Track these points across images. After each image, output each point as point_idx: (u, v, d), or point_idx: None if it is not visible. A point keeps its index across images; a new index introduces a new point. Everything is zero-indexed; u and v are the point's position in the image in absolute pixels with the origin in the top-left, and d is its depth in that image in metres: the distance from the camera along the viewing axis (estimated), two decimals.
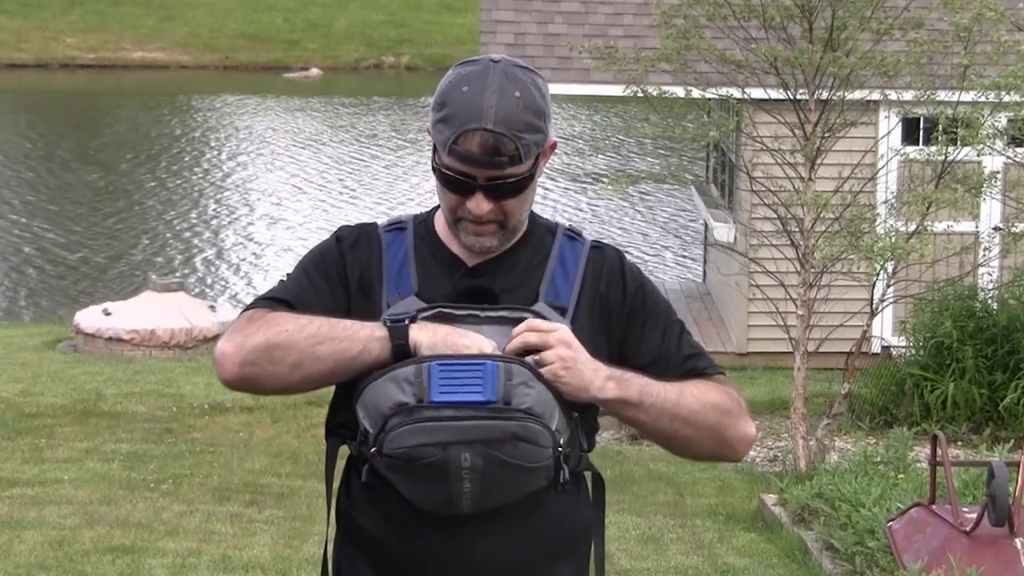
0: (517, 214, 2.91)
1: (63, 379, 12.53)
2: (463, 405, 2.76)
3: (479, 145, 2.80)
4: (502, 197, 2.86)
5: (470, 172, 2.83)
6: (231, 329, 2.89)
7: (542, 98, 2.88)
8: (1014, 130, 11.20)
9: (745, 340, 13.80)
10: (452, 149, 2.82)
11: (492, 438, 2.76)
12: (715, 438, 2.94)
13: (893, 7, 10.24)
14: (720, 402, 2.94)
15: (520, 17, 14.02)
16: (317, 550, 7.45)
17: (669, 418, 2.89)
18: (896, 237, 9.85)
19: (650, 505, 9.30)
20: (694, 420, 2.90)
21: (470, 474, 2.77)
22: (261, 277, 20.35)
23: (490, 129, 2.80)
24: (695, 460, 3.02)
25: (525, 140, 2.83)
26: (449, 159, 2.84)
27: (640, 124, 27.93)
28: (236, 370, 2.84)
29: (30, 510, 8.56)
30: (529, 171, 2.87)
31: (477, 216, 2.87)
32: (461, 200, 2.87)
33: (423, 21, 48.10)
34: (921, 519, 6.96)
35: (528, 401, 2.78)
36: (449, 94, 2.85)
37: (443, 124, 2.84)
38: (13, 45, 44.95)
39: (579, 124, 33.72)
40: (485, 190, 2.85)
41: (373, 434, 2.80)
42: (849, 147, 11.34)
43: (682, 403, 2.89)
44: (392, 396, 2.78)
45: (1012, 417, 10.94)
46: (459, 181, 2.85)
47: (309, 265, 3.02)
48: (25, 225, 23.46)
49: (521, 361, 2.79)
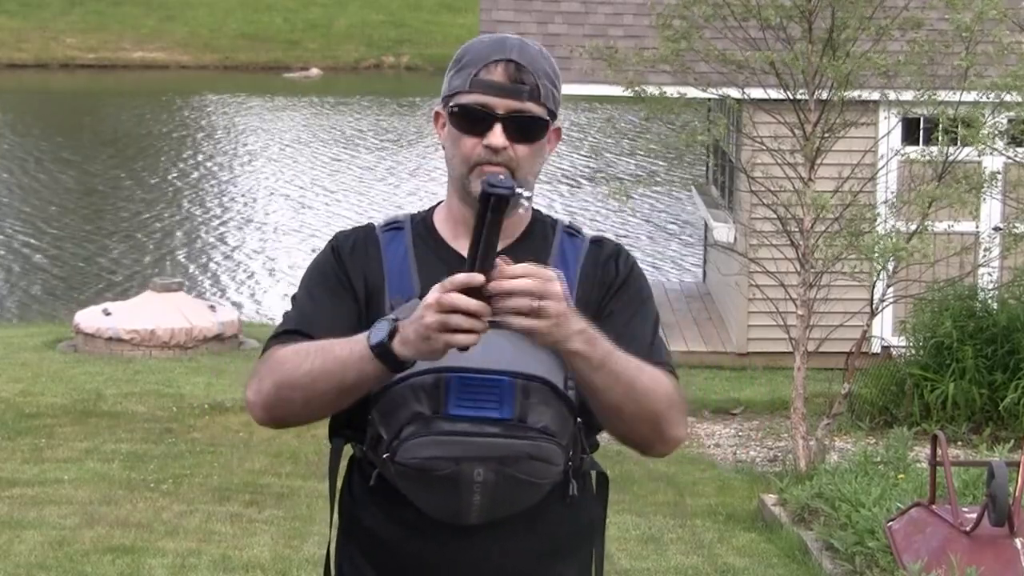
0: (527, 166, 2.89)
1: (63, 379, 12.53)
2: (479, 420, 2.75)
3: (502, 73, 2.87)
4: (518, 136, 2.87)
5: (490, 103, 2.86)
6: (251, 373, 2.90)
7: (555, 67, 2.98)
8: (1014, 130, 11.20)
9: (745, 340, 13.80)
10: (475, 81, 2.87)
11: (506, 456, 2.76)
12: (653, 425, 2.87)
13: (893, 7, 10.24)
14: (671, 393, 2.88)
15: (520, 17, 14.02)
16: (317, 550, 7.45)
17: (624, 389, 2.80)
18: (897, 238, 9.85)
19: (650, 505, 9.30)
20: (643, 399, 2.83)
21: (481, 488, 2.77)
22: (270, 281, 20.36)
23: (514, 60, 2.88)
24: (622, 440, 2.93)
25: (544, 82, 2.90)
26: (470, 95, 2.88)
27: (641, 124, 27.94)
28: (263, 415, 2.88)
29: (30, 510, 8.56)
30: (545, 117, 2.90)
31: (494, 148, 2.86)
32: (477, 141, 2.87)
33: (423, 21, 48.09)
34: (921, 519, 6.97)
35: (544, 420, 2.78)
36: (468, 48, 2.94)
37: (463, 69, 2.90)
38: (13, 45, 44.93)
39: (579, 123, 33.72)
40: (503, 123, 2.86)
41: (387, 441, 2.79)
42: (849, 147, 11.33)
43: (641, 378, 2.83)
44: (409, 405, 2.77)
45: (1012, 417, 10.94)
46: (479, 115, 2.87)
47: (311, 283, 2.99)
48: (23, 225, 23.46)
49: (541, 379, 2.77)
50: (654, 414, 2.85)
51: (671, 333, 14.10)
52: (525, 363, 2.79)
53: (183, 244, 22.56)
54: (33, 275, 20.44)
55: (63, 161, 29.12)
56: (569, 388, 2.83)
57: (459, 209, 2.95)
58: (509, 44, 2.90)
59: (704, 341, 14.22)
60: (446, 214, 3.01)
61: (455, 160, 2.92)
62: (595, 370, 2.77)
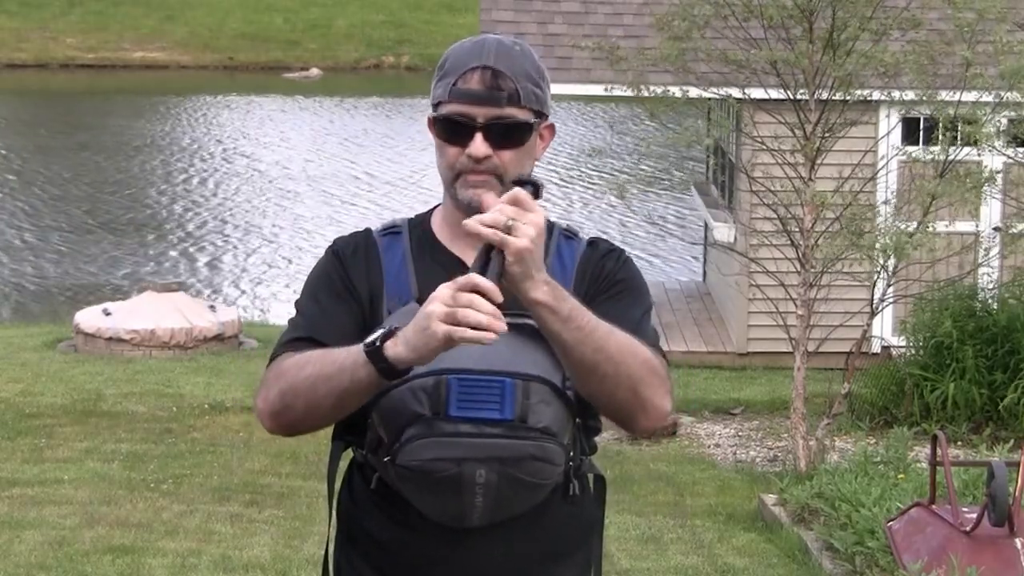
0: (514, 170, 2.87)
1: (63, 379, 12.52)
2: (481, 422, 2.75)
3: (479, 81, 2.84)
4: (501, 141, 2.85)
5: (470, 112, 2.85)
6: (260, 382, 2.90)
7: (538, 64, 2.92)
8: (1015, 130, 11.20)
9: (745, 340, 13.80)
10: (453, 91, 2.85)
11: (508, 457, 2.76)
12: (633, 391, 2.78)
13: (893, 7, 10.24)
14: (650, 359, 2.81)
15: (520, 17, 14.02)
16: (317, 550, 7.45)
17: (593, 348, 2.72)
18: (898, 234, 9.85)
19: (650, 505, 9.30)
20: (618, 359, 2.75)
21: (483, 489, 2.77)
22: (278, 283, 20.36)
23: (490, 66, 2.85)
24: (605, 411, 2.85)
25: (524, 84, 2.86)
26: (449, 105, 2.86)
27: (639, 125, 27.95)
28: (271, 423, 2.87)
29: (30, 510, 8.56)
30: (527, 122, 2.87)
31: (476, 158, 2.84)
32: (460, 150, 2.86)
33: (423, 21, 48.09)
34: (921, 519, 6.97)
35: (545, 420, 2.78)
36: (450, 53, 2.92)
37: (444, 77, 2.89)
38: (13, 45, 44.93)
39: (578, 124, 33.71)
40: (484, 131, 2.84)
41: (388, 443, 2.79)
42: (849, 147, 11.34)
43: (611, 339, 2.75)
44: (409, 407, 2.76)
45: (1012, 417, 10.94)
46: (459, 124, 2.85)
47: (315, 289, 2.97)
48: (23, 225, 23.46)
49: (540, 379, 2.77)
50: (631, 379, 2.77)
51: (671, 333, 14.11)
52: (523, 363, 2.79)
53: (183, 244, 22.55)
54: (33, 275, 20.44)
55: (63, 161, 29.11)
56: (567, 388, 2.82)
57: (454, 214, 2.94)
58: (486, 49, 2.87)
59: (704, 341, 14.22)
60: (443, 218, 2.99)
61: (441, 168, 2.92)
62: (563, 323, 2.71)
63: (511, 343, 2.76)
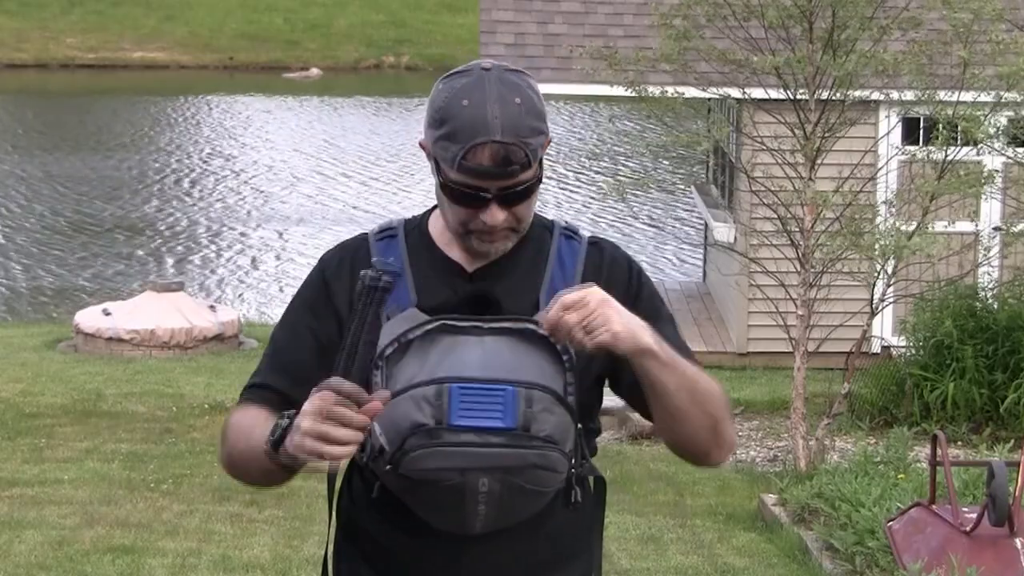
0: (528, 217, 2.85)
1: (63, 379, 12.53)
2: (483, 431, 2.72)
3: (490, 157, 2.73)
4: (515, 205, 2.80)
5: (482, 185, 2.76)
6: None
7: (539, 99, 2.83)
8: (1015, 129, 11.20)
9: (745, 340, 13.80)
10: (462, 165, 2.74)
11: (512, 466, 2.74)
12: (712, 429, 2.82)
13: (893, 7, 10.24)
14: (724, 393, 2.85)
15: (520, 17, 14.02)
16: (317, 550, 7.45)
17: (688, 390, 2.76)
18: (898, 235, 9.85)
19: (650, 505, 9.29)
20: (704, 401, 2.79)
21: (486, 498, 2.75)
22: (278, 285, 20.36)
23: (499, 140, 2.73)
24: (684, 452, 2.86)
25: (532, 145, 2.77)
26: (459, 175, 2.76)
27: (640, 125, 27.95)
28: (234, 479, 2.97)
29: (30, 510, 8.56)
30: (536, 174, 2.82)
31: (493, 227, 2.80)
32: (473, 213, 2.79)
33: (423, 21, 48.11)
34: (921, 519, 6.97)
35: (548, 428, 2.75)
36: (448, 110, 2.76)
37: (448, 141, 2.76)
38: (13, 45, 44.96)
39: (579, 124, 33.72)
40: (498, 200, 2.78)
41: (389, 452, 2.76)
42: (849, 147, 11.34)
43: (700, 379, 2.79)
44: (411, 416, 2.73)
45: (1012, 417, 10.94)
46: (471, 195, 2.78)
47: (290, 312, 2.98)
48: (23, 225, 23.46)
49: (543, 387, 2.74)
50: (711, 418, 2.80)
51: None
52: (525, 371, 2.75)
53: (183, 244, 22.56)
54: (33, 275, 20.43)
55: (63, 161, 29.11)
56: (569, 394, 2.81)
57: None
58: (491, 121, 2.73)
59: (704, 341, 14.22)
60: (441, 221, 2.95)
61: (450, 219, 2.86)
62: (664, 366, 2.73)
63: (513, 350, 2.74)
